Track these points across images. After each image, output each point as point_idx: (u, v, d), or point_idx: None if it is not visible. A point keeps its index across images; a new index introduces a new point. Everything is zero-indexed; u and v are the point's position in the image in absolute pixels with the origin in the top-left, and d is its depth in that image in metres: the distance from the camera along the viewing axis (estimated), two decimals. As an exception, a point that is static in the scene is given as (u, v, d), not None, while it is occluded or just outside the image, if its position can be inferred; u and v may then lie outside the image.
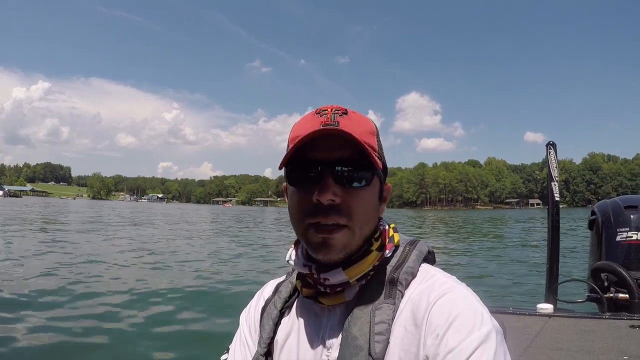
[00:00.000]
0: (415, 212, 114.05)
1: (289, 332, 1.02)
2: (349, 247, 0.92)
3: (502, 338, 0.83)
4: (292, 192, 0.96)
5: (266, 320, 1.05)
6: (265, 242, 22.59)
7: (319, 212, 0.90)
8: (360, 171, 0.92)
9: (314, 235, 0.91)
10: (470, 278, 11.30)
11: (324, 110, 0.96)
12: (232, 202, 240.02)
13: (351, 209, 0.91)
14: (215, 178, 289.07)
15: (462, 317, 0.82)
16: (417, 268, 0.97)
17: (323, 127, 0.91)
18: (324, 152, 0.91)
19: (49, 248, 15.48)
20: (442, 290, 0.88)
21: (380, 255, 0.97)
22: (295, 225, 0.96)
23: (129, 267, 12.38)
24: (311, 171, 0.91)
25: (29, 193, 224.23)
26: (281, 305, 1.06)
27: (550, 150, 4.42)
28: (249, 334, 1.11)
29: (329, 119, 0.93)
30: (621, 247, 3.95)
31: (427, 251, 1.02)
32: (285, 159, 0.92)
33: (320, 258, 0.93)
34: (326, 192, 0.88)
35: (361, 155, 0.91)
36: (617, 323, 3.58)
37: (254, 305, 1.15)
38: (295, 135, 0.94)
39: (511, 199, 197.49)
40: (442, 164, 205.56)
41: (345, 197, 0.90)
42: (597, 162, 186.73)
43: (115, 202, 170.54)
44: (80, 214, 45.75)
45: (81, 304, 7.92)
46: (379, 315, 0.88)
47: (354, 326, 0.89)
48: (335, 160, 0.91)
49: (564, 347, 3.18)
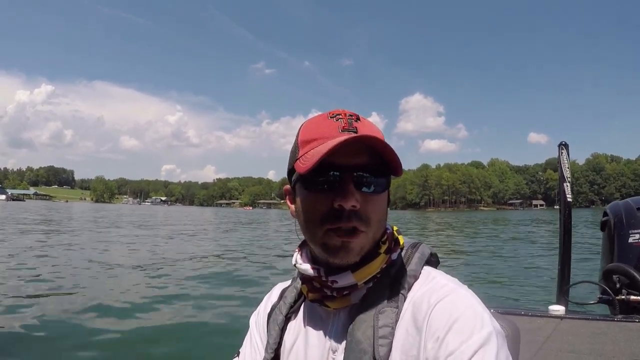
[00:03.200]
0: (419, 213, 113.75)
1: (295, 336, 1.03)
2: (363, 250, 0.92)
3: (504, 340, 0.83)
4: (306, 196, 0.95)
5: (272, 326, 1.06)
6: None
7: (341, 217, 0.89)
8: (378, 177, 0.93)
9: (335, 239, 0.90)
10: (479, 279, 11.30)
11: (337, 115, 0.95)
12: (235, 204, 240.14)
13: (368, 215, 0.91)
14: (218, 180, 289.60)
15: (462, 320, 0.82)
16: (420, 271, 0.97)
17: (353, 133, 0.91)
18: (345, 158, 0.90)
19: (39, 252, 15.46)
20: (443, 292, 0.88)
21: (387, 258, 0.97)
22: (311, 229, 0.94)
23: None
24: (332, 176, 0.91)
25: (32, 197, 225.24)
26: (286, 311, 1.06)
27: (562, 151, 4.38)
28: (259, 336, 1.12)
29: (347, 124, 0.93)
30: (633, 249, 3.91)
31: (430, 254, 1.02)
32: (313, 163, 0.88)
33: (337, 262, 0.92)
34: (350, 198, 0.88)
35: (378, 160, 0.92)
36: (629, 325, 3.56)
37: (262, 309, 1.16)
38: (310, 137, 0.94)
39: (514, 200, 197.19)
40: (446, 165, 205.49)
41: (364, 203, 0.90)
42: (601, 163, 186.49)
43: (118, 206, 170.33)
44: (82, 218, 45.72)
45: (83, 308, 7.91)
46: (382, 319, 0.88)
47: (358, 330, 0.89)
48: (355, 165, 0.91)
49: (576, 350, 3.16)
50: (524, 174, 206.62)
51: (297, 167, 0.93)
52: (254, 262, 14.88)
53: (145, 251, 17.03)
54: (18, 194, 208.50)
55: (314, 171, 0.89)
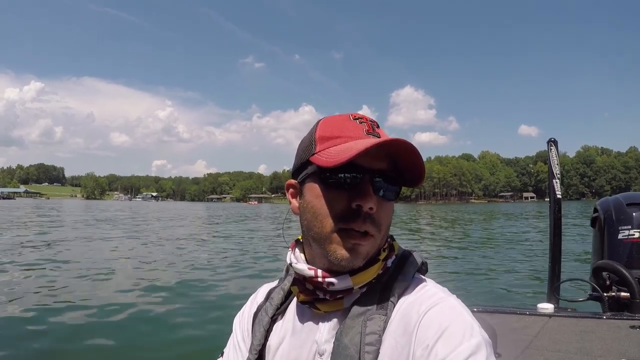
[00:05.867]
0: (410, 206, 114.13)
1: (282, 337, 1.02)
2: (369, 255, 0.93)
3: (491, 350, 0.82)
4: (322, 192, 0.93)
5: (257, 327, 1.05)
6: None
7: (357, 218, 0.89)
8: (394, 185, 0.95)
9: (345, 241, 0.90)
10: (468, 276, 11.28)
11: (360, 118, 0.97)
12: (226, 199, 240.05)
13: (381, 220, 0.92)
14: (209, 175, 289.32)
15: (451, 329, 0.82)
16: (410, 279, 0.96)
17: (377, 138, 0.92)
18: (368, 160, 0.90)
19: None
20: (432, 301, 0.88)
21: (384, 265, 0.97)
22: (321, 227, 0.92)
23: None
24: (354, 177, 0.90)
25: (22, 195, 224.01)
26: (272, 312, 1.05)
27: (551, 147, 4.37)
28: (242, 338, 1.11)
29: (370, 128, 0.95)
30: (623, 246, 3.90)
31: (420, 262, 1.01)
32: (345, 158, 0.85)
33: (343, 264, 0.91)
34: (369, 200, 0.89)
35: (395, 168, 0.94)
36: (617, 323, 3.54)
37: (247, 310, 1.15)
38: (332, 135, 0.94)
39: (505, 192, 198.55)
40: (436, 158, 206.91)
41: (378, 208, 0.91)
42: (591, 155, 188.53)
43: (109, 202, 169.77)
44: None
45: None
46: (370, 326, 0.88)
47: (345, 336, 0.88)
48: (377, 170, 0.92)
49: (563, 349, 3.13)
50: (515, 167, 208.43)
51: (317, 161, 0.93)
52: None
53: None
54: (8, 193, 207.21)
55: (337, 168, 0.89)
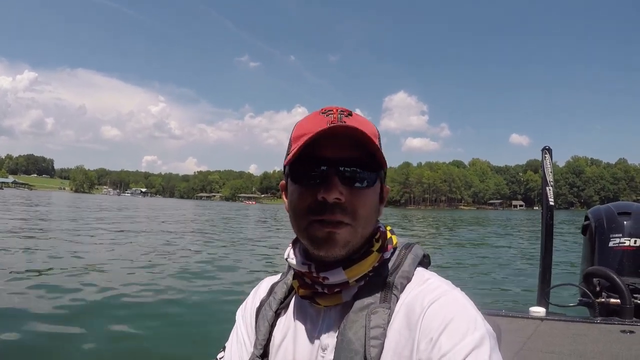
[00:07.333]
0: (399, 211, 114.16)
1: (285, 333, 1.02)
2: (350, 244, 0.92)
3: (495, 343, 0.83)
4: (294, 190, 0.96)
5: (261, 321, 1.05)
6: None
7: (325, 210, 0.90)
8: (365, 172, 0.93)
9: (319, 230, 0.91)
10: (462, 279, 11.34)
11: (329, 111, 0.96)
12: (215, 197, 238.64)
13: (355, 209, 0.91)
14: (199, 173, 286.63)
15: (455, 322, 0.82)
16: (413, 272, 0.97)
17: (322, 128, 0.91)
18: (331, 151, 0.91)
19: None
20: (436, 294, 0.89)
21: (380, 257, 0.97)
22: (297, 221, 0.95)
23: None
24: (317, 170, 0.92)
25: (10, 185, 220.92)
26: (276, 307, 1.06)
27: (545, 155, 4.42)
28: (246, 331, 1.10)
29: (336, 119, 0.93)
30: (614, 253, 3.97)
31: (422, 255, 1.03)
32: (292, 155, 0.92)
33: (322, 254, 0.92)
34: (332, 191, 0.89)
35: (367, 155, 0.93)
36: (608, 327, 3.58)
37: (250, 303, 1.14)
38: (301, 133, 0.94)
39: (494, 200, 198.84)
40: (427, 163, 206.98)
41: (350, 197, 0.91)
42: (580, 166, 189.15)
43: (97, 196, 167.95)
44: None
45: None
46: (374, 320, 0.88)
47: (349, 330, 0.88)
48: (341, 159, 0.91)
49: (556, 351, 3.18)
50: (505, 175, 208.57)
51: (285, 161, 0.96)
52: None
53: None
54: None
55: (303, 165, 0.92)
